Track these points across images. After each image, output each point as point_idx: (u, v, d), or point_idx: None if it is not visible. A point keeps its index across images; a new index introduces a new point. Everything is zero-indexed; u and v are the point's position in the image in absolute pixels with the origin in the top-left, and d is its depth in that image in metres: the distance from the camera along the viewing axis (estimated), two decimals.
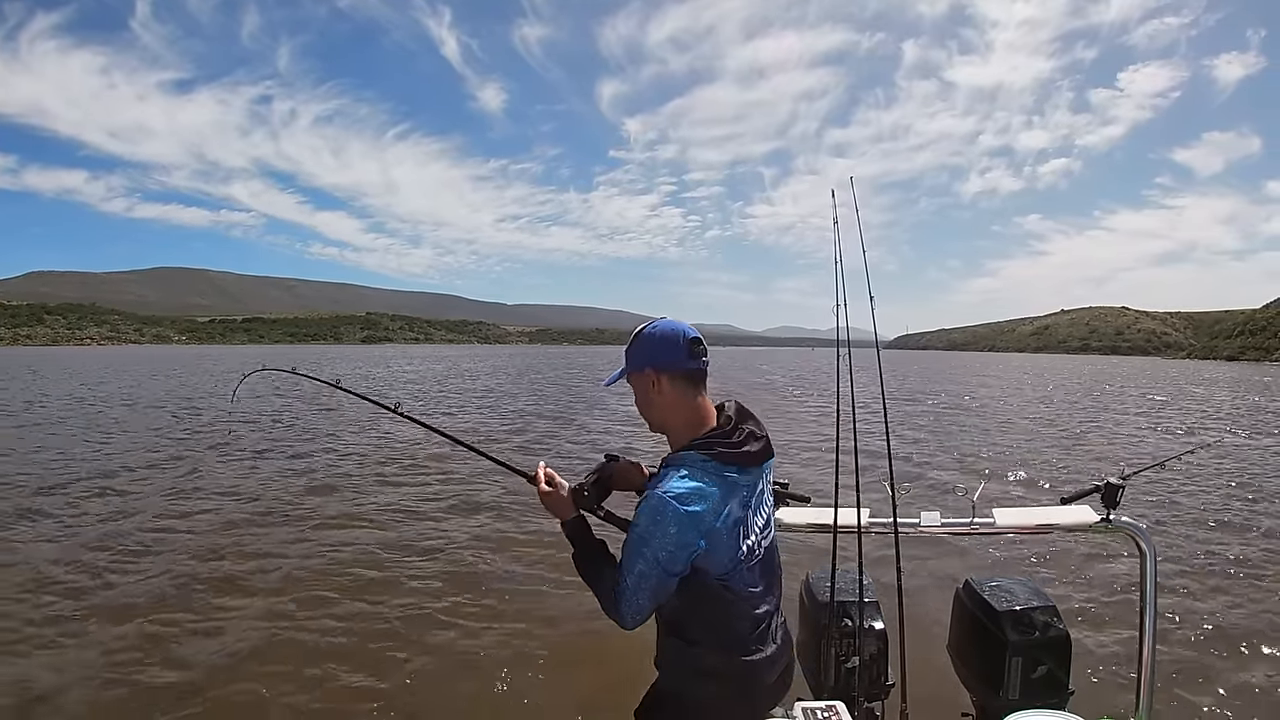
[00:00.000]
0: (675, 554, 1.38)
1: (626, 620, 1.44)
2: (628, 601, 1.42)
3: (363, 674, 3.78)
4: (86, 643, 4.06)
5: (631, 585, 1.41)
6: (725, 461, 1.43)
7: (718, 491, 1.41)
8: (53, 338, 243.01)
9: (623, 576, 1.42)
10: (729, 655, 1.50)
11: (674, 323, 1.53)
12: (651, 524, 1.38)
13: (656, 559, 1.38)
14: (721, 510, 1.41)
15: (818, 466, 9.00)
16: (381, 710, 3.47)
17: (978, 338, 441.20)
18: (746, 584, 1.48)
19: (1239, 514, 7.26)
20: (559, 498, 1.60)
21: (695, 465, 1.43)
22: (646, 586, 1.40)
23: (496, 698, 3.64)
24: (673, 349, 1.50)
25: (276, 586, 4.94)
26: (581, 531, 1.58)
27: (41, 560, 5.38)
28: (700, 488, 1.39)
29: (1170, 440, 14.04)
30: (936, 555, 5.40)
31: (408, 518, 6.82)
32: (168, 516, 6.71)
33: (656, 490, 1.41)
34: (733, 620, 1.49)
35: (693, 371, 1.50)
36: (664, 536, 1.37)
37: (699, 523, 1.38)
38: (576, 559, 1.57)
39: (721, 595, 1.46)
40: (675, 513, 1.36)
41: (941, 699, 2.54)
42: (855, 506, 2.20)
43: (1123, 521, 2.18)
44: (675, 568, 1.39)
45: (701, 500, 1.38)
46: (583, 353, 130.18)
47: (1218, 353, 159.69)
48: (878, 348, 2.50)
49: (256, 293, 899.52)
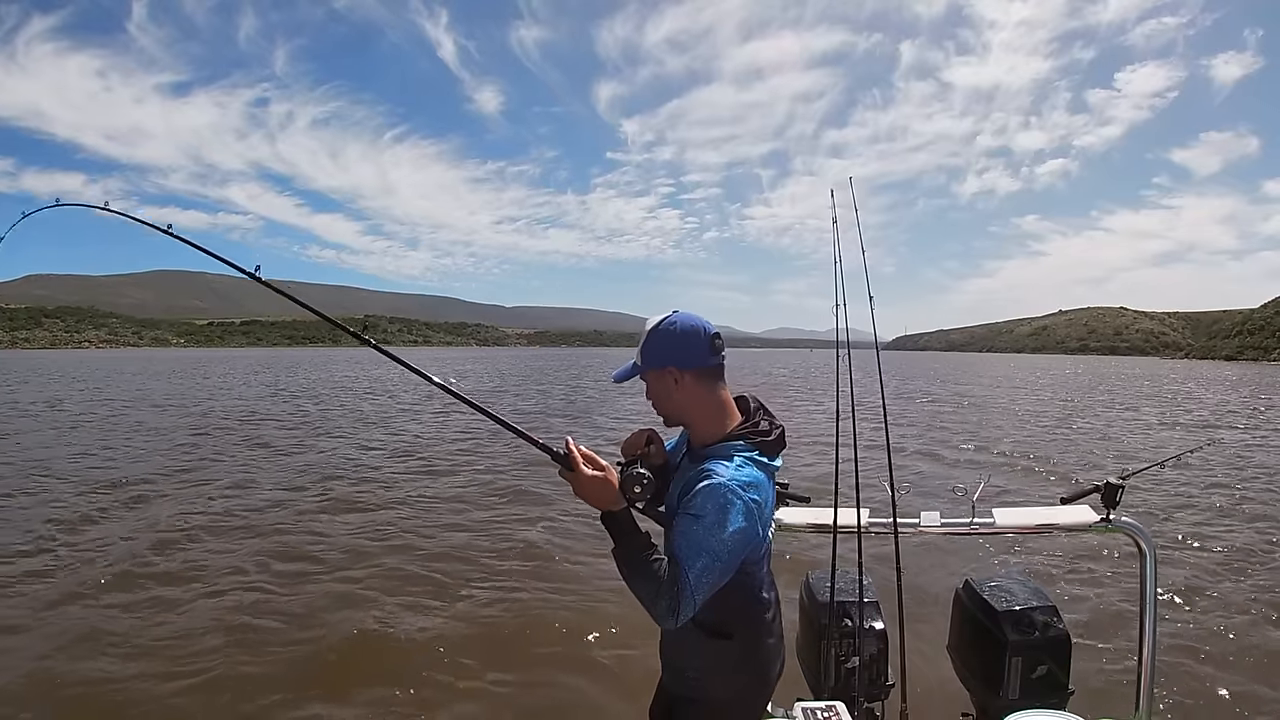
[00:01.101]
0: (741, 545, 1.36)
1: (684, 615, 1.33)
2: (688, 598, 1.31)
3: (354, 666, 3.79)
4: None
5: (694, 580, 1.31)
6: (762, 450, 1.46)
7: (769, 483, 1.45)
8: (51, 341, 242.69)
9: (684, 570, 1.31)
10: (752, 647, 1.52)
11: (693, 317, 1.49)
12: (721, 514, 1.32)
13: (726, 551, 1.33)
14: (770, 501, 1.45)
15: (818, 467, 9.00)
16: (381, 705, 3.47)
17: (976, 338, 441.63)
18: (764, 572, 1.52)
19: (1239, 514, 7.26)
20: (605, 484, 1.38)
21: (746, 455, 1.43)
22: (709, 581, 1.33)
23: (495, 693, 3.64)
24: (695, 345, 1.47)
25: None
26: (631, 526, 1.40)
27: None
28: (758, 477, 1.41)
29: (1170, 440, 14.04)
30: (936, 555, 5.40)
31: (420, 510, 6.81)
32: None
33: (720, 480, 1.35)
34: (756, 611, 1.52)
35: (715, 368, 1.50)
36: (734, 528, 1.33)
37: (760, 514, 1.39)
38: (620, 554, 1.39)
39: (746, 584, 1.47)
40: (745, 503, 1.34)
41: (941, 699, 2.54)
42: (855, 506, 2.20)
43: (1122, 521, 2.18)
44: (738, 560, 1.37)
45: (760, 490, 1.40)
46: (584, 354, 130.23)
47: (1216, 352, 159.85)
48: (877, 348, 2.50)
49: (254, 295, 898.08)
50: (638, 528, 1.40)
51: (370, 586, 4.98)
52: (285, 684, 3.64)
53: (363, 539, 6.14)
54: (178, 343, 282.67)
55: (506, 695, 3.64)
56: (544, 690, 3.69)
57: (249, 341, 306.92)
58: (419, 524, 6.64)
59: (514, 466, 9.24)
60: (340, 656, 3.97)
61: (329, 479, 8.71)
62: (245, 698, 3.51)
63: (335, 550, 5.80)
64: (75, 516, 6.77)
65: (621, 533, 1.38)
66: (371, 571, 5.29)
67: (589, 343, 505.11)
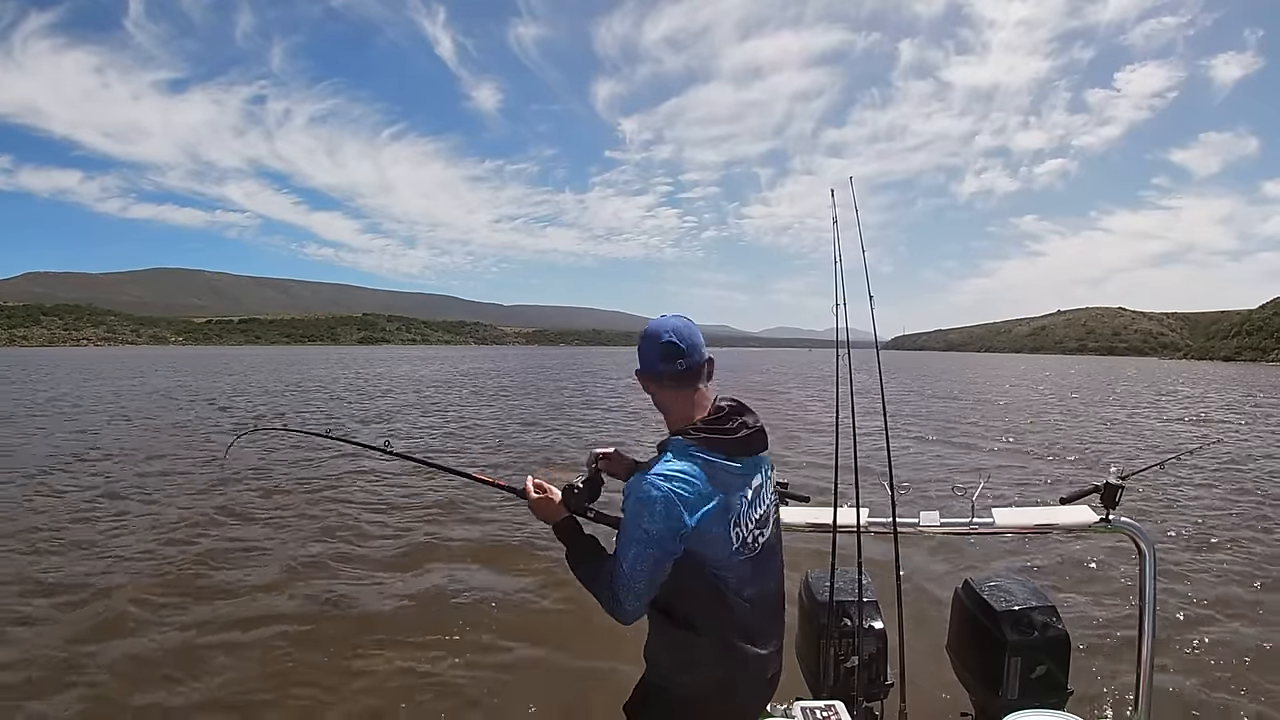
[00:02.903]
0: (665, 533, 1.40)
1: (627, 608, 1.43)
2: (625, 589, 1.41)
3: (339, 674, 3.78)
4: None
5: (628, 571, 1.41)
6: (710, 446, 1.46)
7: (703, 474, 1.43)
8: (49, 338, 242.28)
9: (619, 564, 1.42)
10: (719, 646, 1.50)
11: (657, 324, 1.54)
12: (638, 504, 1.41)
13: (649, 538, 1.39)
14: (707, 493, 1.43)
15: (817, 466, 9.00)
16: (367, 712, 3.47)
17: (974, 338, 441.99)
18: (740, 576, 1.49)
19: (1239, 513, 7.28)
20: (547, 502, 1.61)
21: (680, 448, 1.47)
22: (643, 570, 1.40)
23: (482, 696, 3.63)
24: (649, 352, 1.54)
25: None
26: (573, 530, 1.60)
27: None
28: (683, 468, 1.43)
29: (1169, 440, 14.06)
30: (936, 555, 5.41)
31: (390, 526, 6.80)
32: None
33: (642, 474, 1.44)
34: (724, 611, 1.49)
35: (663, 374, 1.52)
36: (652, 515, 1.39)
37: (683, 501, 1.40)
38: (570, 558, 1.57)
39: (714, 585, 1.47)
40: (659, 491, 1.40)
41: (940, 699, 2.54)
42: (855, 506, 2.20)
43: (1122, 522, 2.18)
44: (669, 546, 1.40)
45: (684, 480, 1.41)
46: (586, 353, 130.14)
47: (1214, 353, 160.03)
48: (877, 348, 2.50)
49: (252, 293, 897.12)
50: (579, 533, 1.59)
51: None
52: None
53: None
54: (176, 340, 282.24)
55: (491, 692, 3.65)
56: (530, 687, 3.70)
57: (247, 340, 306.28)
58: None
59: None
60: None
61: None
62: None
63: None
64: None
65: (566, 537, 1.59)
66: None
67: (588, 341, 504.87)
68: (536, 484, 1.64)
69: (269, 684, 3.66)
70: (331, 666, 3.85)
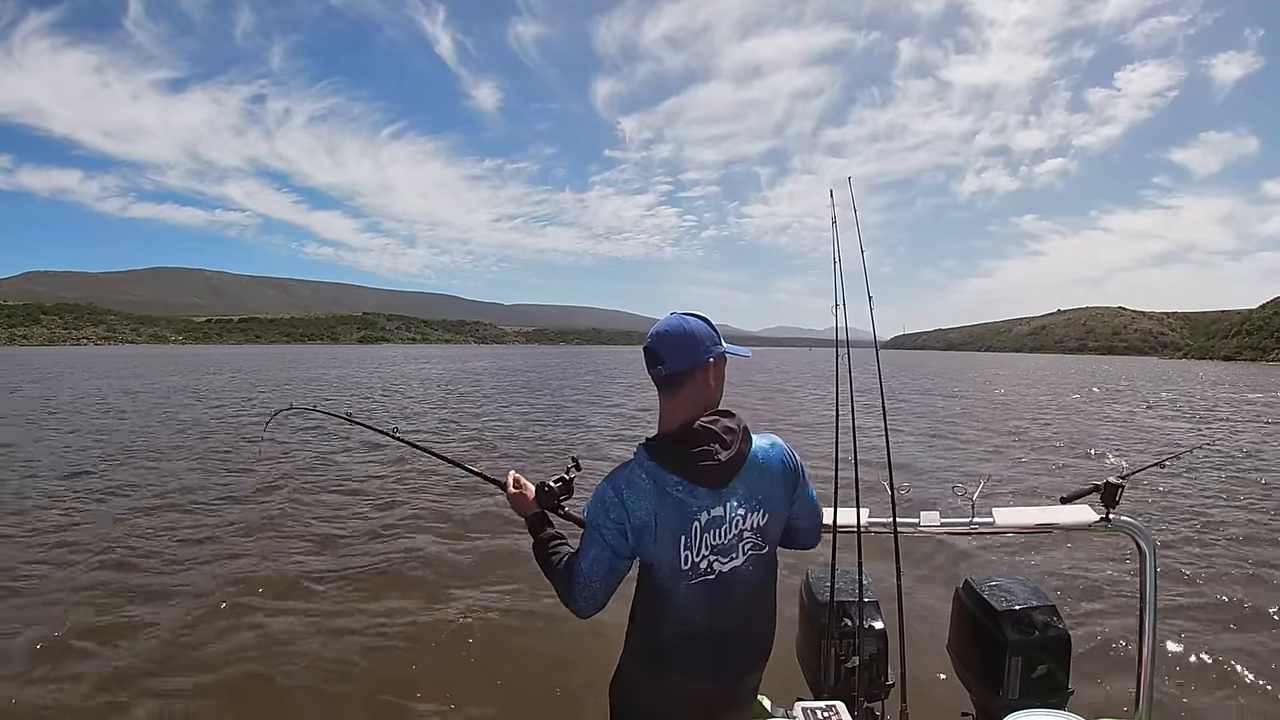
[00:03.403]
0: (615, 537, 1.45)
1: (581, 603, 1.49)
2: (580, 586, 1.48)
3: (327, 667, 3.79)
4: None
5: (585, 569, 1.47)
6: (665, 466, 1.45)
7: (651, 487, 1.44)
8: (49, 338, 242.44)
9: (578, 561, 1.49)
10: (649, 639, 1.54)
11: (658, 325, 1.54)
12: (594, 506, 1.49)
13: (604, 540, 1.45)
14: (651, 508, 1.44)
15: (817, 466, 9.00)
16: (357, 701, 3.48)
17: (974, 338, 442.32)
18: (687, 599, 1.47)
19: (1238, 513, 7.28)
20: (522, 496, 1.69)
21: (638, 459, 1.49)
22: (598, 571, 1.46)
23: (474, 681, 3.68)
24: (647, 356, 1.54)
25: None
26: (540, 524, 1.66)
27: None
28: (633, 477, 1.46)
29: (1169, 439, 14.06)
30: (936, 555, 5.41)
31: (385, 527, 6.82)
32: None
33: (605, 478, 1.50)
34: (662, 624, 1.51)
35: (666, 377, 1.51)
36: (604, 518, 1.46)
37: (629, 510, 1.44)
38: (535, 549, 1.63)
39: (660, 595, 1.49)
40: (610, 496, 1.46)
41: (941, 699, 2.54)
42: (855, 506, 2.19)
43: (1122, 521, 2.18)
44: (621, 550, 1.46)
45: (632, 490, 1.45)
46: (586, 352, 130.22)
47: (1214, 353, 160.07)
48: (876, 348, 2.50)
49: (252, 292, 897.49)
50: (547, 528, 1.66)
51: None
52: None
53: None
54: (176, 339, 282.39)
55: (480, 677, 3.65)
56: (517, 669, 3.71)
57: (247, 339, 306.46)
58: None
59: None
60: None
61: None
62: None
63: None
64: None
65: (532, 531, 1.66)
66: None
67: (588, 341, 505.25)
68: (516, 478, 1.73)
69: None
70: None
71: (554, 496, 1.71)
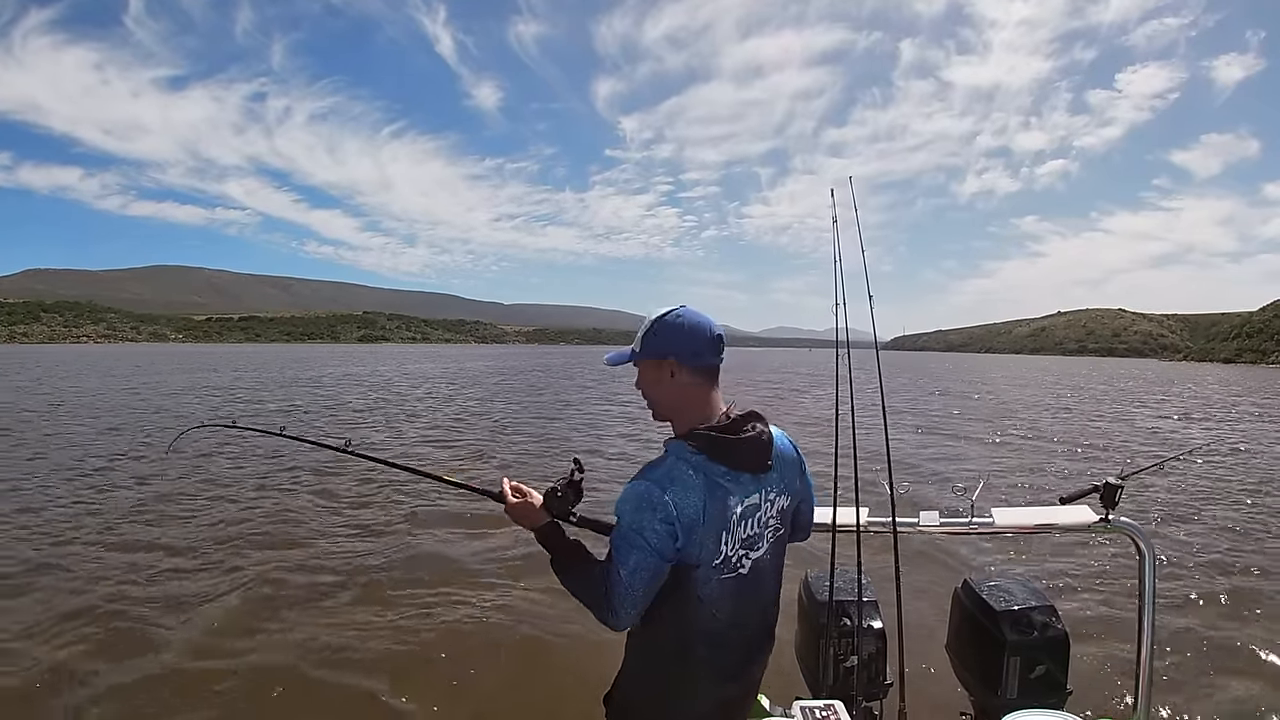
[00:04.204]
0: (663, 541, 1.34)
1: (622, 616, 1.37)
2: (623, 598, 1.35)
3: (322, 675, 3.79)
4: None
5: (626, 579, 1.34)
6: (713, 457, 1.41)
7: (700, 481, 1.38)
8: (49, 335, 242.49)
9: (614, 570, 1.36)
10: (681, 651, 1.46)
11: (699, 315, 1.49)
12: (636, 510, 1.36)
13: (649, 547, 1.34)
14: (700, 504, 1.37)
15: (817, 466, 8.99)
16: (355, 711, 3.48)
17: (974, 339, 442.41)
18: (715, 595, 1.44)
19: (1238, 514, 7.28)
20: (528, 506, 1.53)
21: (682, 454, 1.41)
22: (642, 578, 1.35)
23: (470, 689, 3.65)
24: (699, 342, 1.47)
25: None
26: (557, 535, 1.51)
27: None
28: (683, 475, 1.38)
29: (1169, 441, 14.06)
30: (935, 555, 5.41)
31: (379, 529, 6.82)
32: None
33: (640, 478, 1.39)
34: (686, 625, 1.45)
35: (712, 367, 1.49)
36: (649, 519, 1.34)
37: (680, 510, 1.35)
38: (557, 565, 1.49)
39: (687, 594, 1.42)
40: (655, 494, 1.35)
41: (940, 699, 2.54)
42: (854, 506, 2.19)
43: (1121, 522, 2.18)
44: (667, 554, 1.36)
45: (681, 487, 1.36)
46: (587, 351, 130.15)
47: (1214, 355, 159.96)
48: (876, 348, 2.50)
49: (253, 291, 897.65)
50: (565, 538, 1.50)
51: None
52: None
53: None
54: (176, 338, 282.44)
55: (474, 686, 3.65)
56: (513, 679, 3.71)
57: (247, 337, 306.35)
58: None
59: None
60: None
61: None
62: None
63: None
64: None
65: (549, 545, 1.49)
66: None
67: (588, 340, 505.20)
68: (514, 486, 1.56)
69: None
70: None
71: (566, 503, 1.55)
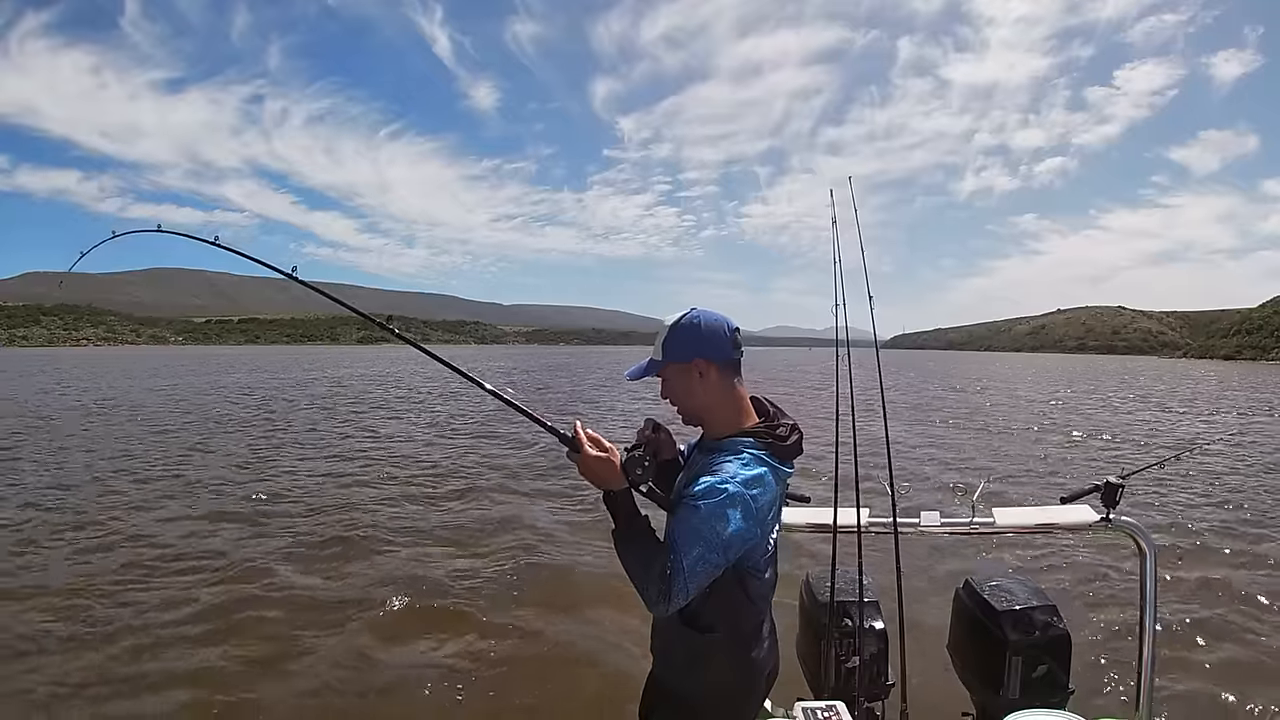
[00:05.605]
0: (735, 541, 1.35)
1: (675, 602, 1.33)
2: (680, 584, 1.31)
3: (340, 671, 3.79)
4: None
5: (688, 567, 1.31)
6: (776, 454, 1.45)
7: (774, 483, 1.43)
8: (49, 339, 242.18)
9: (678, 556, 1.32)
10: (735, 647, 1.50)
11: (715, 313, 1.52)
12: (719, 507, 1.34)
13: (719, 543, 1.33)
14: (773, 502, 1.44)
15: (817, 466, 9.00)
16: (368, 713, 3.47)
17: (974, 337, 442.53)
18: (762, 578, 1.50)
19: (1238, 513, 7.27)
20: (609, 465, 1.41)
21: (756, 453, 1.43)
22: (703, 571, 1.33)
23: (488, 698, 3.63)
24: (720, 339, 1.50)
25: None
26: (630, 504, 1.43)
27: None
28: (762, 476, 1.40)
29: (1169, 440, 14.05)
30: (936, 555, 5.40)
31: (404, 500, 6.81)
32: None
33: (724, 474, 1.38)
34: (743, 611, 1.49)
35: (736, 362, 1.52)
36: (732, 522, 1.33)
37: (763, 514, 1.39)
38: (619, 535, 1.43)
39: (740, 585, 1.46)
40: (744, 499, 1.35)
41: (941, 699, 2.53)
42: (855, 506, 2.19)
43: (1122, 521, 2.18)
44: (731, 554, 1.36)
45: (763, 489, 1.39)
46: (588, 352, 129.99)
47: (1214, 352, 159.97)
48: (876, 347, 2.50)
49: (252, 293, 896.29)
50: (637, 510, 1.42)
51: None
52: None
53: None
54: (176, 340, 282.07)
55: (498, 694, 3.65)
56: (538, 690, 3.70)
57: (247, 339, 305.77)
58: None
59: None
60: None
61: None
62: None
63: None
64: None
65: (620, 513, 1.42)
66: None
67: (588, 341, 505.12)
68: (592, 436, 1.43)
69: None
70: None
71: (647, 476, 1.43)
